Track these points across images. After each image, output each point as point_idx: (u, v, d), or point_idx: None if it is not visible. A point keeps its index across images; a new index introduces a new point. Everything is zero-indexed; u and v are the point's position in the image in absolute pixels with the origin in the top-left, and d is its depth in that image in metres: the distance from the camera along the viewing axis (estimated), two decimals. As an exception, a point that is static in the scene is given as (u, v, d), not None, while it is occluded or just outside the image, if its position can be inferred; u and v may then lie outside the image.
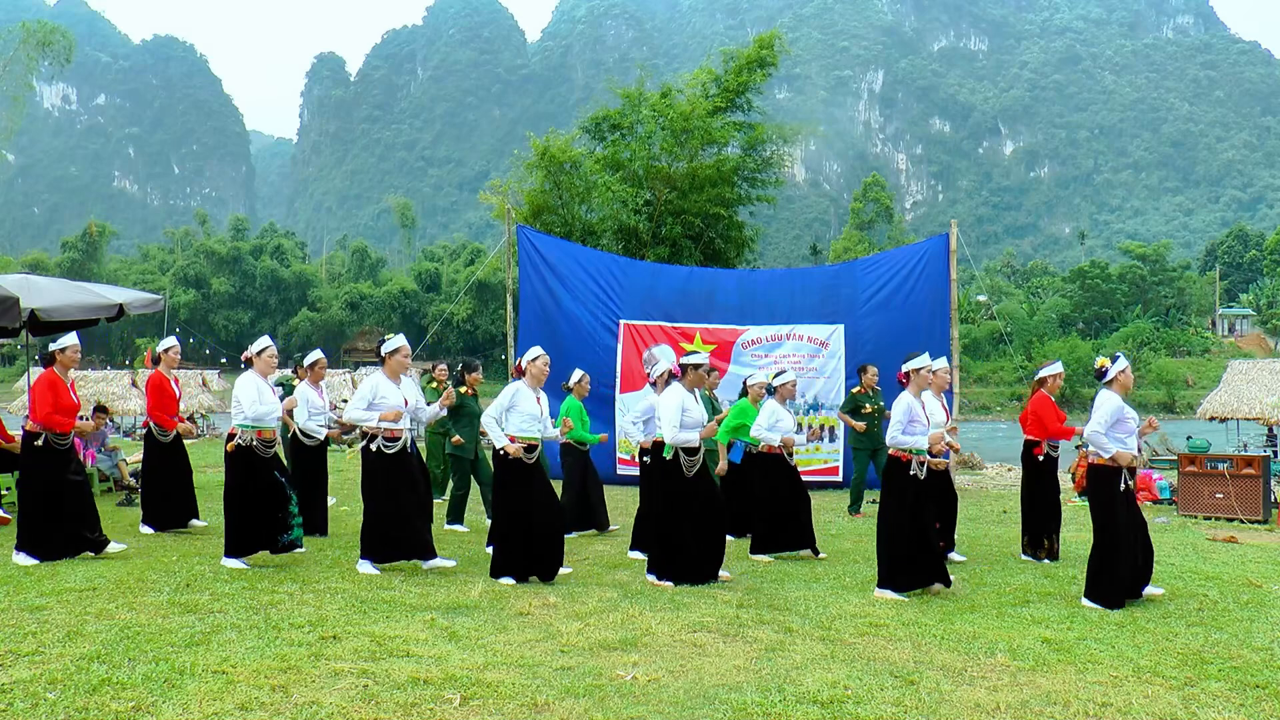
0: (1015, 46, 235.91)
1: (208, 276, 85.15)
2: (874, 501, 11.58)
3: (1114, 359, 6.75)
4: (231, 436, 7.12)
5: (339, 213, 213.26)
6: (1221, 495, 11.42)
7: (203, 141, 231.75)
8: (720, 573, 7.01)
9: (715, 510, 7.00)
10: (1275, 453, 17.29)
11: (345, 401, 19.46)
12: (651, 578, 6.89)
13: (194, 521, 9.02)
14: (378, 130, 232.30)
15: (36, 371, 7.85)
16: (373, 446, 6.88)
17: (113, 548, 7.40)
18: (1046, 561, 8.10)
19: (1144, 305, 76.82)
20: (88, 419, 9.41)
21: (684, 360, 7.12)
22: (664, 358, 13.97)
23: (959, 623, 5.83)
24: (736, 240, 22.34)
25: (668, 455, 6.88)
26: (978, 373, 64.90)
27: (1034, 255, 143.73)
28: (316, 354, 9.28)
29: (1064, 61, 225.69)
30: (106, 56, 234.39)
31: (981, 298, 63.14)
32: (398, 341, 7.05)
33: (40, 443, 7.24)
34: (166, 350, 9.16)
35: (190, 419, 33.35)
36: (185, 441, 9.33)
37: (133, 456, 13.07)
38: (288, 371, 12.90)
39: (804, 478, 9.05)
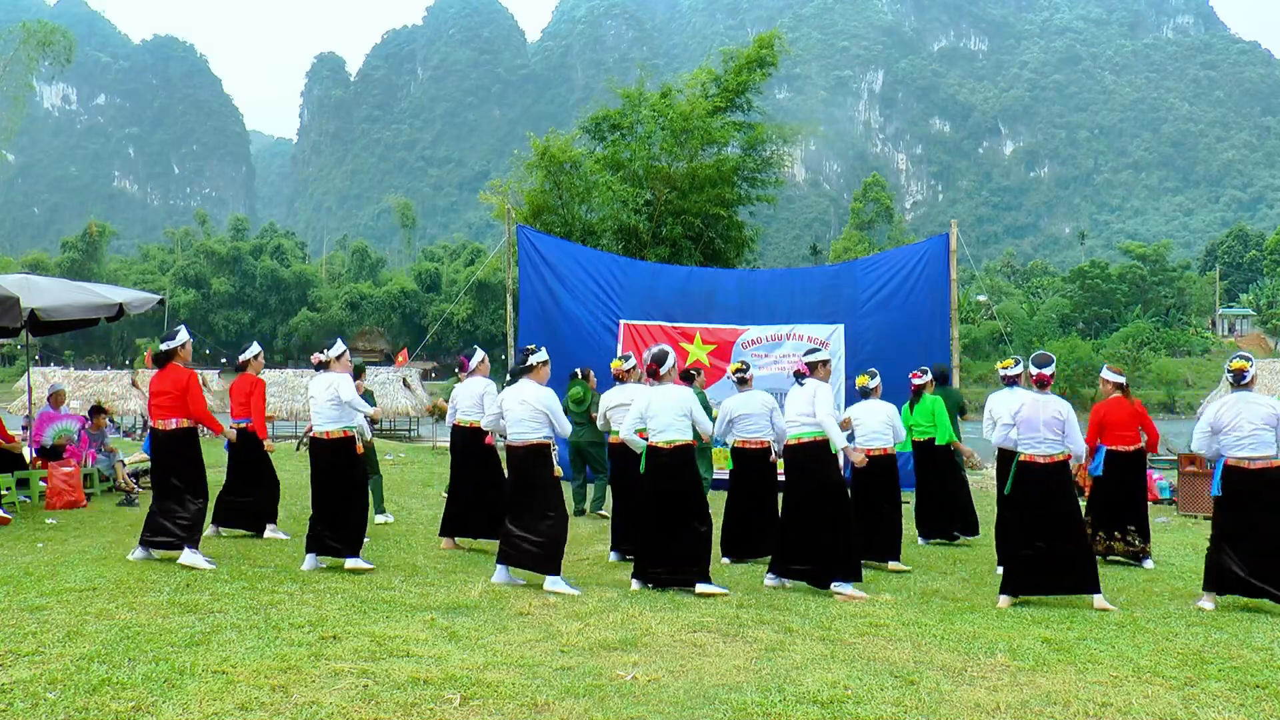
0: (1015, 46, 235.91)
1: (208, 276, 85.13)
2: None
3: (1249, 360, 6.54)
4: (350, 438, 7.08)
5: (339, 213, 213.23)
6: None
7: (203, 141, 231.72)
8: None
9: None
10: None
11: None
12: (846, 587, 6.69)
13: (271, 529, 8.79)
14: (378, 130, 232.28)
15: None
16: (552, 456, 6.94)
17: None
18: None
19: (1144, 305, 76.83)
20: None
21: (812, 358, 7.11)
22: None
23: (959, 623, 5.83)
24: (736, 240, 22.34)
25: (836, 452, 6.81)
26: (978, 373, 64.89)
27: (1034, 255, 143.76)
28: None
29: (1064, 61, 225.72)
30: (106, 56, 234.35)
31: (981, 298, 63.15)
32: (545, 354, 7.08)
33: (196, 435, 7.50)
34: (256, 356, 9.07)
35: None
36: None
37: (131, 457, 13.08)
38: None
39: None
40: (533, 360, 6.92)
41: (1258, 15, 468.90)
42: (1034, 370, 6.77)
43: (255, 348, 9.19)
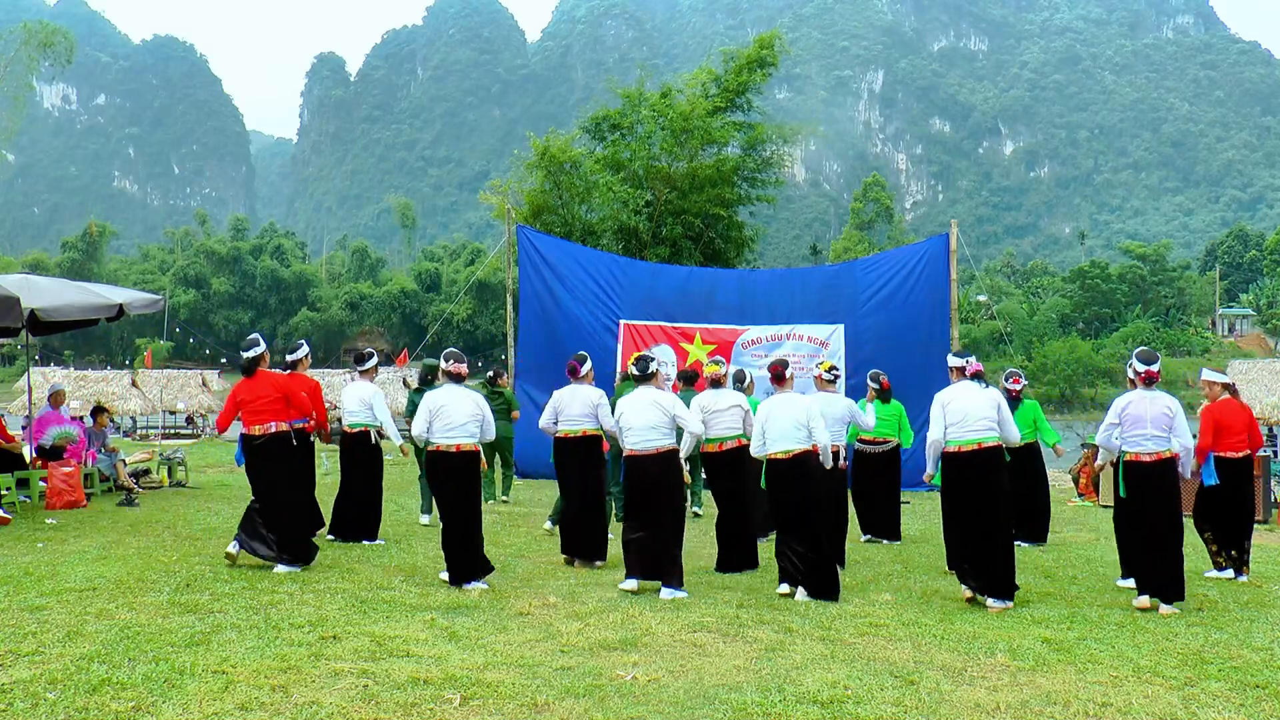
0: (1015, 46, 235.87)
1: (208, 276, 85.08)
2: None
3: None
4: (477, 453, 6.86)
5: (339, 213, 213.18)
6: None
7: (203, 141, 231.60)
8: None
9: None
10: (1275, 453, 17.29)
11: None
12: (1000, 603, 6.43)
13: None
14: (378, 130, 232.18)
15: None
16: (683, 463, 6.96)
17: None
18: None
19: (1144, 305, 76.85)
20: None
21: (962, 361, 6.86)
22: (665, 359, 13.99)
23: (959, 623, 5.83)
24: (736, 240, 22.34)
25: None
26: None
27: (1034, 255, 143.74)
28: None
29: (1064, 61, 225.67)
30: (106, 56, 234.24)
31: (981, 298, 63.13)
32: (657, 363, 7.14)
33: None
34: (305, 356, 8.93)
35: (190, 419, 33.41)
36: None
37: (132, 457, 13.08)
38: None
39: None
40: (654, 367, 6.93)
41: (1258, 15, 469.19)
42: (1140, 367, 6.55)
43: (305, 347, 8.80)
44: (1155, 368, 6.53)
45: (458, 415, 6.69)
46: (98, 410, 12.18)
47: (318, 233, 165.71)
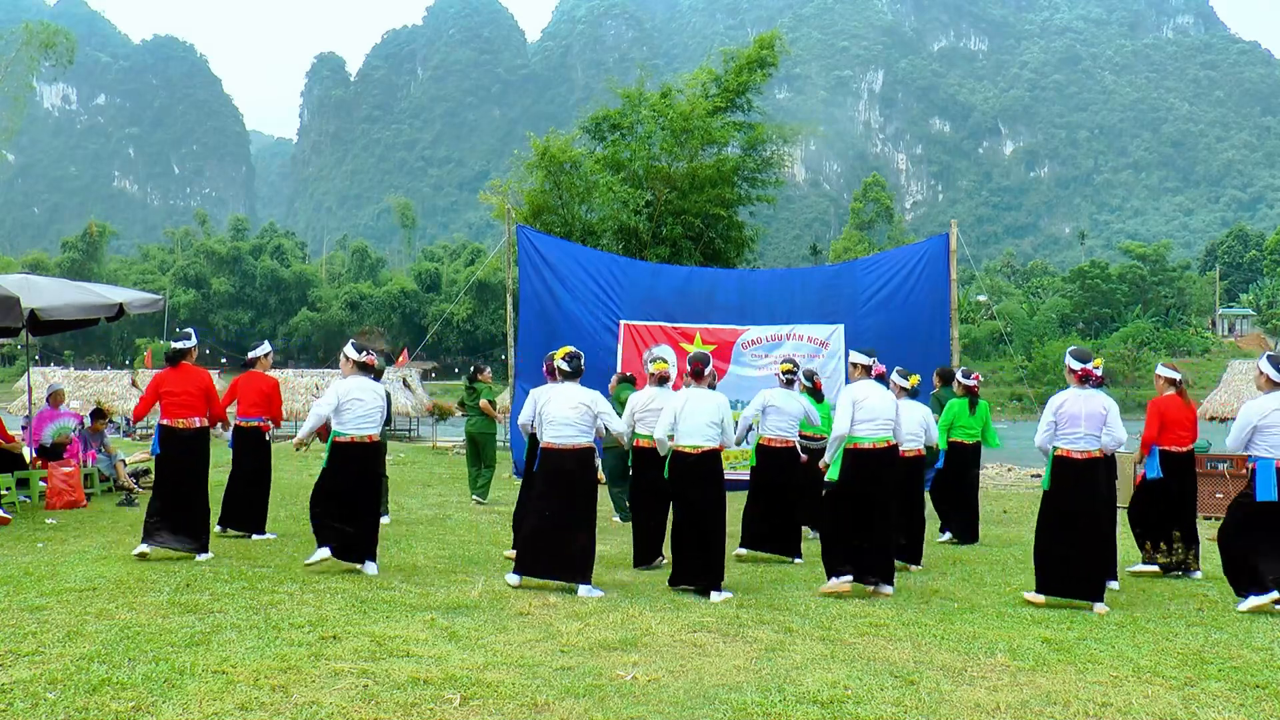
0: (1015, 46, 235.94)
1: (208, 276, 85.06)
2: None
3: None
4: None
5: (339, 213, 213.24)
6: (1221, 495, 11.42)
7: (203, 141, 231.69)
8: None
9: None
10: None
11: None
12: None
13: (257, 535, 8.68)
14: (378, 130, 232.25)
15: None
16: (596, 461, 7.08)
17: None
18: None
19: (1144, 305, 76.84)
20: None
21: (872, 361, 6.98)
22: (665, 358, 13.98)
23: (959, 623, 5.83)
24: (736, 240, 22.31)
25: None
26: (977, 372, 64.85)
27: (1034, 255, 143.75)
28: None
29: (1064, 61, 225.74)
30: (106, 56, 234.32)
31: (981, 298, 63.12)
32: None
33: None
34: (266, 354, 9.04)
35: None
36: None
37: (132, 457, 13.07)
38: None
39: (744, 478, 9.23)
40: (583, 364, 6.93)
41: (1258, 15, 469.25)
42: (1075, 365, 6.52)
43: (266, 346, 9.20)
44: (1092, 365, 6.54)
45: (366, 406, 7.03)
46: (97, 413, 12.17)
47: (318, 233, 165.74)
